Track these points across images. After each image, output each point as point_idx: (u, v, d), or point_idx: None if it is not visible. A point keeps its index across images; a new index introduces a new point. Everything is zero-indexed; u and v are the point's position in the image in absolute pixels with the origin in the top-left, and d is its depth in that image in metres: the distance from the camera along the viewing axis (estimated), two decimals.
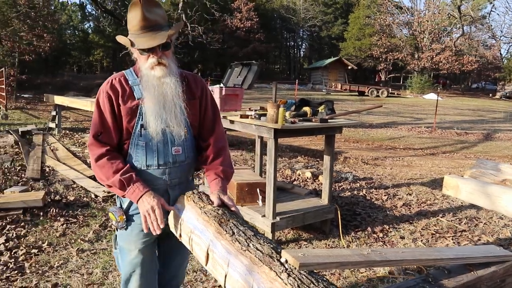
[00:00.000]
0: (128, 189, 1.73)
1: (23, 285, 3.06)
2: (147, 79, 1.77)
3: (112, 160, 1.77)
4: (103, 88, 1.83)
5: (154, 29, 1.72)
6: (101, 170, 1.77)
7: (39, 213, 4.35)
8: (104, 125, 1.80)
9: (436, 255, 1.59)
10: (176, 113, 1.81)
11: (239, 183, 3.92)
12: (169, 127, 1.82)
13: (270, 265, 1.21)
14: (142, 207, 1.72)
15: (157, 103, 1.78)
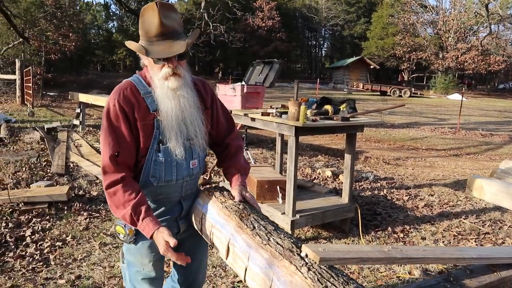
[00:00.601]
0: (139, 224, 1.62)
1: (48, 276, 3.15)
2: (162, 91, 1.64)
3: (125, 188, 1.63)
4: (114, 101, 1.64)
5: (171, 37, 1.59)
6: (111, 198, 1.65)
7: (63, 207, 4.46)
8: (121, 144, 1.64)
9: (458, 254, 1.57)
10: (198, 125, 1.73)
11: (259, 180, 3.94)
12: (190, 141, 1.74)
13: (290, 259, 1.22)
14: (158, 245, 1.61)
15: (176, 118, 1.66)
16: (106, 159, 1.64)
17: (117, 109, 1.62)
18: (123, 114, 1.63)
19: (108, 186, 1.64)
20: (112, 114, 1.64)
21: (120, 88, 1.68)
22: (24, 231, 3.87)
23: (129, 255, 1.82)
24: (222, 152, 1.92)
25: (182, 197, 1.84)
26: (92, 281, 3.11)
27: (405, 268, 3.49)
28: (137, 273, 1.82)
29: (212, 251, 3.65)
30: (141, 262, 1.80)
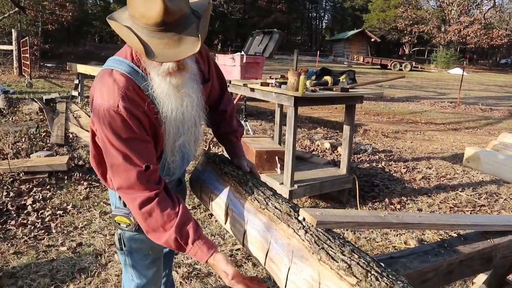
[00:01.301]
0: (188, 249, 1.37)
1: (50, 244, 3.20)
2: (162, 89, 1.35)
3: (162, 206, 1.36)
4: (117, 108, 1.30)
5: (178, 26, 1.22)
6: (147, 221, 1.37)
7: (63, 177, 4.48)
8: (145, 156, 1.36)
9: (453, 221, 1.60)
10: (195, 132, 1.54)
11: (258, 151, 3.95)
12: (186, 148, 1.58)
13: (288, 223, 1.24)
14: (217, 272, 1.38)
15: (175, 124, 1.43)
16: (131, 181, 1.35)
17: (126, 117, 1.30)
18: (135, 120, 1.32)
19: (141, 206, 1.36)
20: (118, 125, 1.31)
21: (119, 89, 1.31)
22: (25, 200, 3.91)
23: (133, 243, 1.65)
24: (216, 117, 1.81)
25: (180, 177, 1.81)
26: (93, 248, 3.16)
27: (401, 238, 3.55)
28: (144, 257, 1.70)
29: (210, 220, 3.71)
30: (149, 246, 1.65)
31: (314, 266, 1.09)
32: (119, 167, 1.34)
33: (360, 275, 1.00)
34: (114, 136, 1.31)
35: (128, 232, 1.60)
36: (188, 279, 2.83)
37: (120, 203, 1.60)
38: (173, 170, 1.59)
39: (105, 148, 1.36)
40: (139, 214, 1.37)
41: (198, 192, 1.79)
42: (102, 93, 1.32)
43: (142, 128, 1.35)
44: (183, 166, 1.70)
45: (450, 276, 1.62)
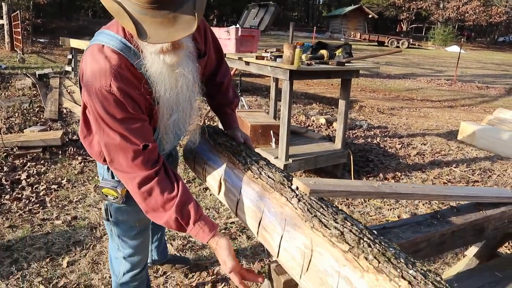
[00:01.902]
0: (189, 229, 1.34)
1: (45, 217, 3.21)
2: (156, 68, 1.27)
3: (162, 185, 1.32)
4: (110, 87, 1.24)
5: (173, 4, 1.14)
6: (146, 201, 1.33)
7: (57, 151, 4.47)
8: (142, 135, 1.32)
9: (446, 192, 1.60)
10: (190, 112, 1.49)
11: (253, 125, 3.93)
12: (180, 128, 1.53)
13: (281, 191, 1.24)
14: (217, 256, 1.36)
15: (169, 104, 1.39)
16: (129, 161, 1.30)
17: (119, 97, 1.25)
18: (129, 99, 1.27)
19: (140, 185, 1.31)
20: (112, 105, 1.25)
21: (111, 67, 1.24)
22: (19, 174, 3.89)
23: (120, 214, 1.64)
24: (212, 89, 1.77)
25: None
26: (87, 221, 3.17)
27: (395, 212, 3.58)
28: (130, 229, 1.70)
29: (205, 193, 3.72)
30: (135, 219, 1.66)
31: (306, 234, 1.08)
32: (115, 147, 1.30)
33: (353, 242, 1.00)
34: (108, 116, 1.26)
35: (115, 203, 1.58)
36: (183, 251, 2.86)
37: (108, 175, 1.58)
38: (164, 146, 1.56)
39: (98, 127, 1.30)
40: (138, 194, 1.33)
41: (191, 164, 1.78)
42: (93, 71, 1.25)
43: (137, 107, 1.30)
44: (175, 143, 1.68)
45: (442, 246, 1.63)
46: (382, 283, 0.88)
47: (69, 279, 2.52)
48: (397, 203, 3.76)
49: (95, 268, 2.64)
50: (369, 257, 0.95)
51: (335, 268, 0.98)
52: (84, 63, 1.30)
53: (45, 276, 2.54)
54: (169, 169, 1.39)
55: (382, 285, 0.88)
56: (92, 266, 2.66)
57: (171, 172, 1.38)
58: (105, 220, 1.69)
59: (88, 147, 1.56)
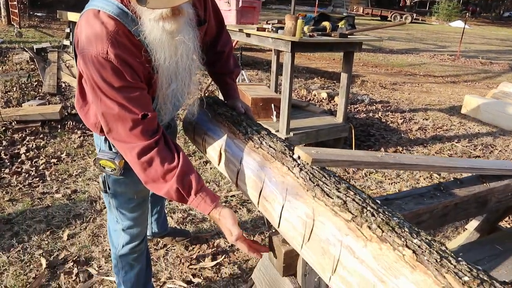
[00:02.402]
0: (190, 200, 1.31)
1: (45, 191, 3.20)
2: (155, 35, 1.22)
3: (162, 154, 1.29)
4: (106, 54, 1.18)
5: None
6: (146, 171, 1.30)
7: (56, 125, 4.43)
8: (141, 104, 1.27)
9: (450, 164, 1.57)
10: (189, 82, 1.44)
11: (253, 98, 3.89)
12: (178, 99, 1.48)
13: (282, 161, 1.21)
14: (220, 226, 1.35)
15: (168, 73, 1.34)
16: (128, 130, 1.26)
17: (117, 64, 1.19)
18: (127, 67, 1.22)
19: (140, 155, 1.28)
20: (109, 73, 1.20)
21: (108, 33, 1.19)
22: (18, 149, 3.87)
23: (118, 186, 1.62)
24: (212, 57, 1.72)
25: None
26: (87, 195, 3.16)
27: (396, 186, 3.57)
28: (129, 201, 1.68)
29: (205, 167, 3.70)
30: (133, 190, 1.64)
31: (308, 203, 1.06)
32: (113, 117, 1.25)
33: (356, 211, 0.98)
34: (105, 85, 1.21)
35: (113, 175, 1.55)
36: (183, 224, 2.86)
37: (106, 146, 1.54)
38: (162, 117, 1.52)
39: (95, 96, 1.26)
40: (137, 164, 1.29)
41: (191, 135, 1.74)
42: (89, 37, 1.20)
43: (136, 75, 1.25)
44: (173, 114, 1.64)
45: (444, 218, 1.61)
46: (385, 252, 0.86)
47: (69, 252, 2.53)
48: (398, 177, 3.74)
49: (96, 240, 2.65)
50: (372, 226, 0.92)
51: (337, 237, 0.96)
52: (79, 30, 1.25)
53: (45, 248, 2.54)
54: (169, 139, 1.36)
55: (386, 254, 0.86)
56: (92, 238, 2.66)
57: (171, 143, 1.35)
58: (103, 192, 1.67)
59: (84, 118, 1.52)
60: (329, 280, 0.97)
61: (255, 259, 2.54)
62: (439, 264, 0.80)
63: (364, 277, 0.87)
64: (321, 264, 0.99)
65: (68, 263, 2.43)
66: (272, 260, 1.34)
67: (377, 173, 3.79)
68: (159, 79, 1.34)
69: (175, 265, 2.47)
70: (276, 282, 1.35)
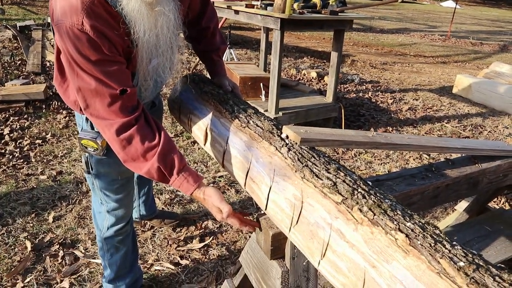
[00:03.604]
0: (172, 180, 1.27)
1: (29, 172, 3.12)
2: (133, 7, 1.15)
3: (142, 132, 1.23)
4: (81, 25, 1.11)
5: None
6: (125, 150, 1.24)
7: (41, 105, 4.32)
8: (119, 79, 1.20)
9: (442, 144, 1.54)
10: (171, 57, 1.35)
11: (242, 77, 3.81)
12: (160, 75, 1.39)
13: (269, 140, 1.16)
14: (206, 205, 1.31)
15: (148, 47, 1.25)
16: (106, 106, 1.20)
17: (93, 36, 1.12)
18: (104, 39, 1.14)
19: (119, 132, 1.22)
20: (85, 46, 1.12)
21: (83, 3, 1.11)
22: (2, 129, 3.77)
23: (101, 167, 1.56)
24: (198, 33, 1.67)
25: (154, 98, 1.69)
26: (73, 176, 3.10)
27: (385, 167, 3.55)
28: (113, 182, 1.62)
29: (193, 147, 3.64)
30: (117, 171, 1.58)
31: (296, 185, 1.01)
32: (91, 92, 1.19)
33: (346, 193, 0.93)
34: (81, 58, 1.14)
35: (95, 155, 1.50)
36: (170, 205, 2.81)
37: (87, 125, 1.49)
38: (144, 95, 1.44)
39: (72, 71, 1.19)
40: (116, 142, 1.23)
41: (176, 114, 1.68)
42: (63, 8, 1.12)
43: (114, 48, 1.18)
44: (156, 90, 1.57)
45: (435, 200, 1.58)
46: (377, 236, 0.82)
47: (55, 234, 2.48)
48: (388, 158, 3.73)
49: (82, 222, 2.60)
50: (363, 209, 0.88)
51: (327, 220, 0.92)
52: (54, 1, 1.17)
53: (30, 231, 2.49)
54: (150, 117, 1.30)
55: (378, 239, 0.82)
56: (78, 220, 2.61)
57: (152, 120, 1.29)
58: (86, 173, 1.62)
59: (64, 95, 1.45)
60: (318, 264, 0.93)
61: (243, 241, 2.51)
62: (433, 248, 0.76)
63: (354, 261, 0.84)
64: (310, 248, 0.95)
65: (53, 245, 2.38)
66: (260, 243, 1.30)
67: (366, 153, 3.77)
68: (139, 53, 1.26)
69: (162, 246, 2.44)
70: (264, 265, 1.31)
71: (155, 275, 2.23)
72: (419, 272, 0.73)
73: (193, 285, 2.17)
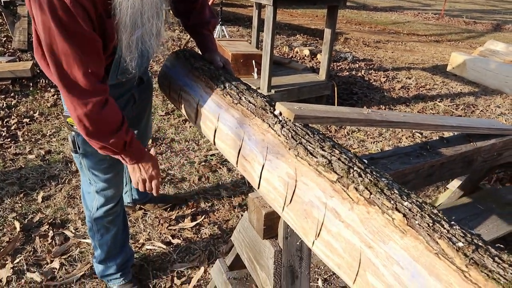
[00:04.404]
0: (127, 149, 1.35)
1: (17, 152, 3.07)
2: None
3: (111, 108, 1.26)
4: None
5: None
6: (96, 125, 1.24)
7: (28, 83, 4.23)
8: (91, 55, 1.17)
9: (438, 122, 1.51)
10: (157, 23, 1.26)
11: (234, 54, 3.74)
12: (146, 43, 1.31)
13: (262, 117, 1.12)
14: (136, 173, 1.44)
15: (132, 13, 1.17)
16: (73, 82, 1.16)
17: (69, 4, 1.05)
18: (79, 8, 1.08)
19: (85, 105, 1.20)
20: (59, 15, 1.06)
21: None
22: None
23: (88, 146, 1.50)
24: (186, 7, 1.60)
25: (139, 77, 1.61)
26: (62, 155, 3.05)
27: (378, 145, 3.54)
28: (101, 162, 1.59)
29: (184, 125, 3.59)
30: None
31: (290, 163, 0.98)
32: (60, 65, 1.14)
33: (341, 171, 0.90)
34: (55, 27, 1.07)
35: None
36: (162, 184, 2.78)
37: None
38: (131, 68, 1.36)
39: (45, 40, 1.12)
40: (81, 114, 1.20)
41: (166, 90, 1.63)
42: None
43: (88, 20, 1.11)
44: (143, 64, 1.50)
45: (430, 178, 1.57)
46: (374, 215, 0.79)
47: (44, 214, 2.44)
48: (380, 136, 3.71)
49: (71, 202, 2.56)
50: (359, 188, 0.85)
51: (321, 199, 0.89)
52: None
53: (19, 211, 2.45)
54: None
55: (374, 218, 0.79)
56: (68, 200, 2.57)
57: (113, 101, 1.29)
58: (73, 153, 1.58)
59: (46, 69, 1.38)
60: (312, 244, 0.91)
61: (236, 219, 2.50)
62: (431, 228, 0.73)
63: (350, 242, 0.81)
64: (304, 228, 0.92)
65: (43, 226, 2.35)
66: (252, 222, 1.27)
67: (359, 131, 3.75)
68: (121, 21, 1.19)
69: (153, 226, 2.42)
70: (257, 245, 1.29)
71: (146, 254, 2.21)
72: (416, 253, 0.71)
73: (185, 264, 2.16)
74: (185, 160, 3.09)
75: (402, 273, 0.72)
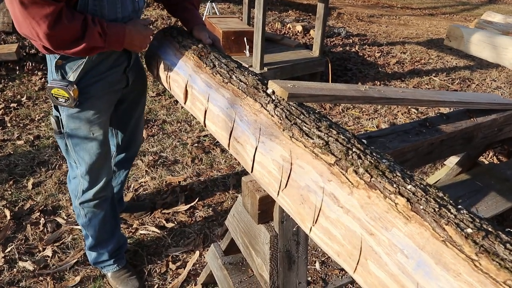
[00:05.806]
0: (107, 41, 1.31)
1: (5, 138, 2.99)
2: None
3: (67, 15, 1.21)
4: None
5: None
6: (64, 31, 1.21)
7: (14, 67, 4.12)
8: None
9: (438, 97, 1.45)
10: None
11: (224, 31, 3.64)
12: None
13: (254, 97, 1.05)
14: (135, 42, 1.40)
15: None
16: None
17: None
18: None
19: (56, 20, 1.17)
20: None
21: None
22: None
23: (72, 123, 1.49)
24: None
25: None
26: (52, 140, 2.98)
27: (373, 122, 3.49)
28: (86, 140, 1.54)
29: (176, 106, 3.52)
30: (88, 126, 1.51)
31: (285, 145, 0.92)
32: None
33: (339, 153, 0.85)
34: None
35: (66, 109, 1.44)
36: (154, 167, 2.72)
37: (58, 74, 1.40)
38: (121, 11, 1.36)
39: None
40: (51, 30, 1.17)
41: (154, 70, 1.56)
42: None
43: None
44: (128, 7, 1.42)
45: (429, 156, 1.52)
46: (375, 200, 0.74)
47: (35, 201, 2.39)
48: (376, 113, 3.65)
49: (62, 188, 2.50)
50: (359, 171, 0.80)
51: (318, 183, 0.83)
52: None
53: (9, 199, 2.40)
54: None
55: (375, 203, 0.74)
56: (59, 186, 2.52)
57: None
58: (57, 135, 1.54)
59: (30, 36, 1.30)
60: (310, 231, 0.86)
61: (230, 201, 2.45)
62: (437, 214, 0.68)
63: (350, 229, 0.76)
64: (301, 214, 0.87)
65: (34, 213, 2.30)
66: (246, 207, 1.22)
67: (354, 108, 3.69)
68: None
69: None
70: (252, 230, 1.24)
71: (140, 239, 2.17)
72: (422, 240, 0.66)
73: (180, 249, 2.12)
74: (178, 141, 3.03)
75: (406, 262, 0.67)
